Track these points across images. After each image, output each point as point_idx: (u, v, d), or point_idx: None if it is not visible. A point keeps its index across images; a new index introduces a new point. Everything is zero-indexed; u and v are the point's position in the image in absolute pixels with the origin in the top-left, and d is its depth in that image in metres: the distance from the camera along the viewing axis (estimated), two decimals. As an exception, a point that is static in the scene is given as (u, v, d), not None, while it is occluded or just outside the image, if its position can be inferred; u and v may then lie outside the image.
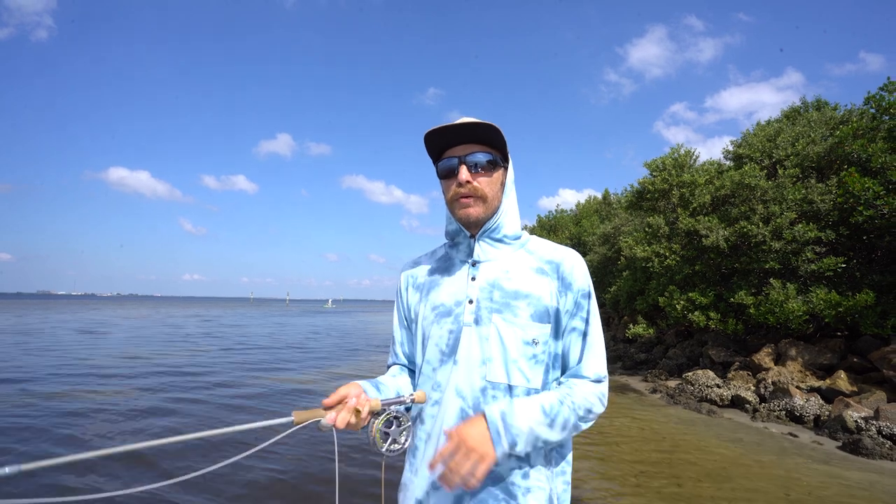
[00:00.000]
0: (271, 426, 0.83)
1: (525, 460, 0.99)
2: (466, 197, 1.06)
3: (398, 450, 0.95)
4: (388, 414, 0.94)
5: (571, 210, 27.48)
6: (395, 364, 1.23)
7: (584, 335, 1.05)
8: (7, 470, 0.57)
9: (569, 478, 1.06)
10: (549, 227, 26.54)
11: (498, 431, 0.91)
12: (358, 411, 0.90)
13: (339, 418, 0.88)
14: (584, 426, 1.01)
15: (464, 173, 1.04)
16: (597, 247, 17.73)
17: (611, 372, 11.47)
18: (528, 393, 1.01)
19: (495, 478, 0.98)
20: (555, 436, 0.96)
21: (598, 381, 1.03)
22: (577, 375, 1.04)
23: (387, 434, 0.93)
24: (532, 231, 29.00)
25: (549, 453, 1.03)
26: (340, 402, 0.90)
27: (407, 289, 1.21)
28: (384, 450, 0.92)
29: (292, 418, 0.83)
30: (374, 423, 0.92)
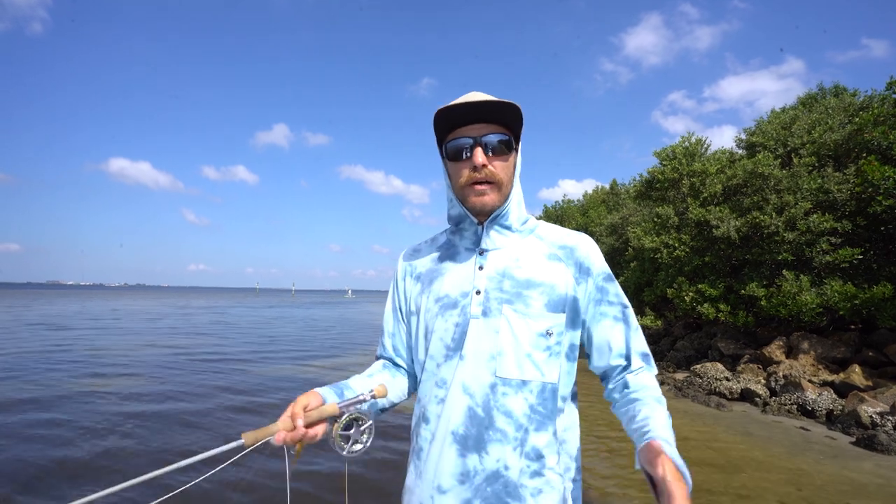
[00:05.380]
0: (222, 452, 0.82)
1: (536, 459, 0.92)
2: (482, 183, 0.96)
3: (360, 450, 0.94)
4: (346, 417, 0.92)
5: (578, 200, 27.22)
6: (381, 358, 1.15)
7: (624, 319, 1.00)
8: None
9: (580, 475, 1.00)
10: (555, 218, 26.34)
11: (684, 471, 0.78)
12: (295, 426, 0.86)
13: (286, 437, 0.85)
14: None
15: (480, 156, 0.94)
16: (604, 237, 17.51)
17: (617, 364, 11.37)
18: (544, 388, 0.94)
19: (503, 479, 0.91)
20: None
21: (649, 364, 1.01)
22: (629, 368, 0.99)
23: (347, 436, 0.93)
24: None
25: (560, 450, 0.96)
26: (293, 416, 0.86)
27: (405, 278, 1.11)
28: (345, 452, 0.92)
29: (242, 441, 0.83)
30: (333, 427, 0.91)
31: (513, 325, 0.95)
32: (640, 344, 1.00)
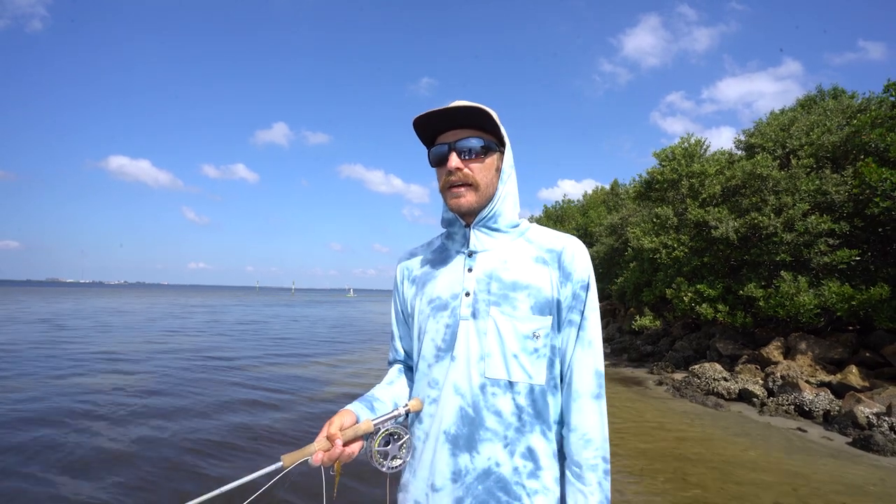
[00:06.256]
0: (262, 475, 0.83)
1: (530, 459, 0.94)
2: (457, 186, 1.00)
3: (400, 465, 0.95)
4: (382, 432, 0.92)
5: (578, 200, 27.25)
6: (395, 361, 1.20)
7: (580, 329, 1.00)
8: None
9: None
10: (555, 218, 26.38)
11: None
12: (333, 443, 0.88)
13: (324, 457, 0.87)
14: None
15: (454, 160, 0.98)
16: (604, 237, 17.55)
17: (616, 364, 11.40)
18: (532, 389, 0.96)
19: (495, 476, 0.93)
20: None
21: (598, 385, 0.99)
22: (571, 395, 0.98)
23: (385, 452, 0.93)
24: (539, 221, 28.81)
25: (556, 450, 0.99)
26: (330, 437, 0.88)
27: (402, 282, 1.15)
28: (384, 469, 0.93)
29: (281, 462, 0.83)
30: (370, 444, 0.92)
31: (500, 327, 0.96)
32: (588, 359, 0.99)
